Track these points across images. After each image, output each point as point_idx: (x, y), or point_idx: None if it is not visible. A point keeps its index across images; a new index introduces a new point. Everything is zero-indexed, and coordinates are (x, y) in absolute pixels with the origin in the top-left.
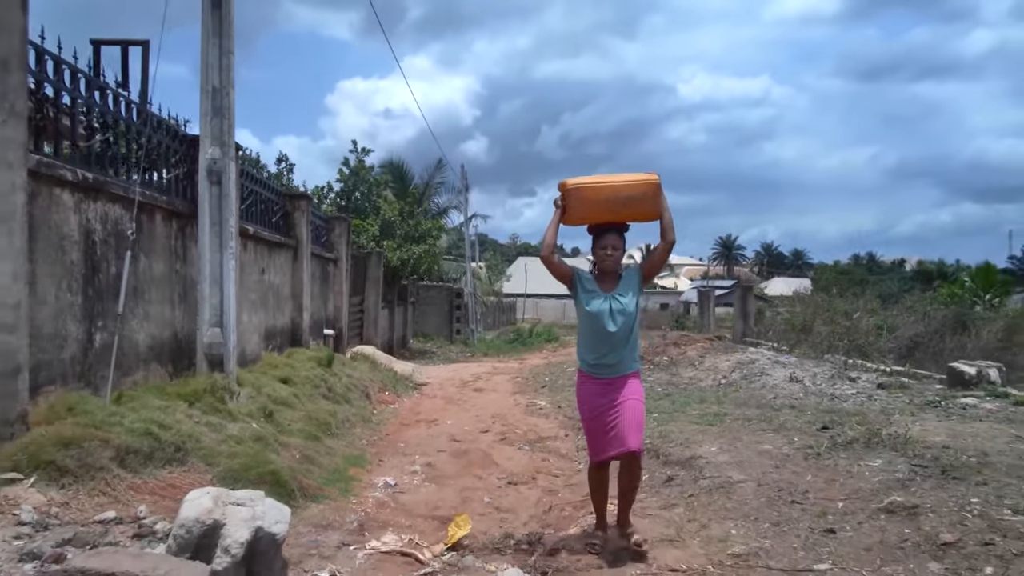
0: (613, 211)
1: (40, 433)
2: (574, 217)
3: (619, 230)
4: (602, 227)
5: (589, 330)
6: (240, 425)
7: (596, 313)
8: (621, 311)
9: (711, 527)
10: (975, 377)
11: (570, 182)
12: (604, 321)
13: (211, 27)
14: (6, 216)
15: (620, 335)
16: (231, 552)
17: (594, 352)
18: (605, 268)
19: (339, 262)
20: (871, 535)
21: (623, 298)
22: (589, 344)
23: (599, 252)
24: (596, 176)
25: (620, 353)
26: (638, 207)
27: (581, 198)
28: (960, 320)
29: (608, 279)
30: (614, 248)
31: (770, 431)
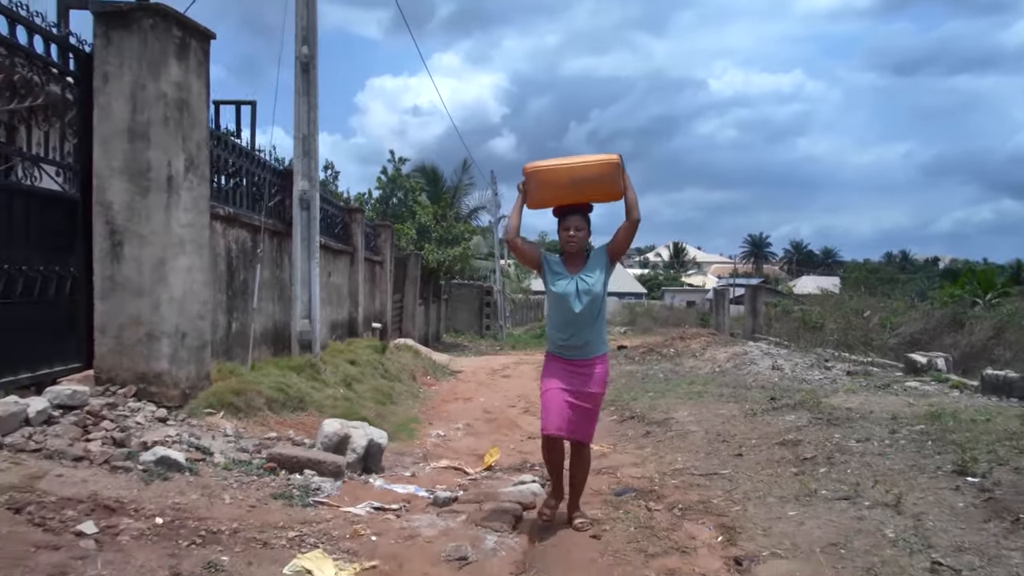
0: (574, 193)
1: (219, 386)
2: (536, 200)
3: (582, 211)
4: (565, 209)
5: (556, 311)
6: (331, 390)
7: (562, 294)
8: (587, 291)
9: (665, 457)
10: (925, 365)
11: (530, 165)
12: (570, 302)
13: (301, 88)
14: (200, 244)
15: (586, 315)
16: (356, 451)
17: (561, 333)
18: (569, 249)
19: (384, 264)
20: (764, 456)
21: (589, 279)
22: (556, 325)
23: (563, 234)
24: (556, 159)
25: (587, 334)
26: (600, 188)
27: (541, 181)
28: (957, 319)
29: (575, 260)
30: (577, 229)
31: (732, 402)
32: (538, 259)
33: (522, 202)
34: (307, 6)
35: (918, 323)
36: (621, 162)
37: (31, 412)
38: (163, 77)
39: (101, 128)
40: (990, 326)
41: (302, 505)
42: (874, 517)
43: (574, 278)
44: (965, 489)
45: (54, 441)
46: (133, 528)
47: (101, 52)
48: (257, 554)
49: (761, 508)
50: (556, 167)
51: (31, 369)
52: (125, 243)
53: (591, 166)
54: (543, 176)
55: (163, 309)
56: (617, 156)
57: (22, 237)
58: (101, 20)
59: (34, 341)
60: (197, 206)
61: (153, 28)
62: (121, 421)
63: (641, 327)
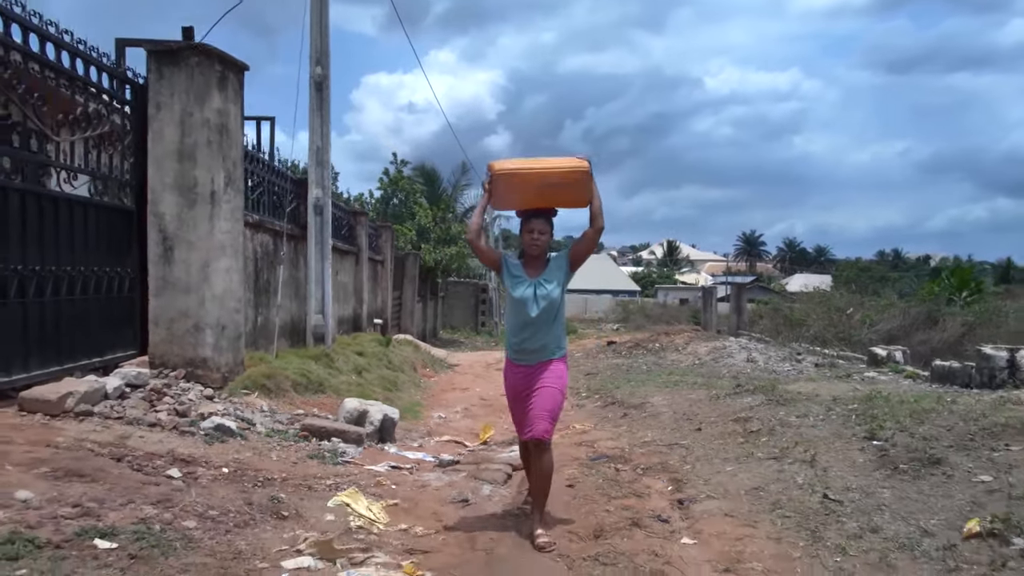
0: (541, 196)
1: (252, 371)
2: (502, 201)
3: (547, 215)
4: (530, 211)
5: (513, 314)
6: (344, 377)
7: (520, 298)
8: (545, 296)
9: (637, 433)
10: (885, 357)
11: (497, 165)
12: (528, 306)
13: (315, 104)
14: (236, 248)
15: (542, 320)
16: (373, 423)
17: (517, 336)
18: (532, 253)
19: (385, 263)
20: (718, 430)
21: (548, 284)
22: (513, 329)
23: (526, 236)
24: (525, 160)
25: (542, 338)
26: (567, 193)
27: (510, 183)
28: (931, 316)
29: (535, 264)
30: (540, 233)
31: (702, 389)
32: (498, 261)
33: (487, 202)
34: (320, 32)
35: (896, 320)
36: (590, 169)
37: (109, 388)
38: (207, 105)
39: (155, 150)
40: (961, 322)
41: (333, 463)
42: (792, 470)
43: (532, 283)
44: (868, 449)
45: (131, 411)
46: (207, 474)
47: (155, 84)
48: (305, 494)
49: (707, 467)
50: (527, 171)
51: (99, 354)
52: (175, 248)
53: (562, 172)
54: (513, 179)
55: (207, 304)
56: (587, 162)
57: (91, 243)
58: (154, 57)
59: (100, 331)
60: (234, 215)
61: (198, 64)
62: (178, 397)
63: (634, 324)
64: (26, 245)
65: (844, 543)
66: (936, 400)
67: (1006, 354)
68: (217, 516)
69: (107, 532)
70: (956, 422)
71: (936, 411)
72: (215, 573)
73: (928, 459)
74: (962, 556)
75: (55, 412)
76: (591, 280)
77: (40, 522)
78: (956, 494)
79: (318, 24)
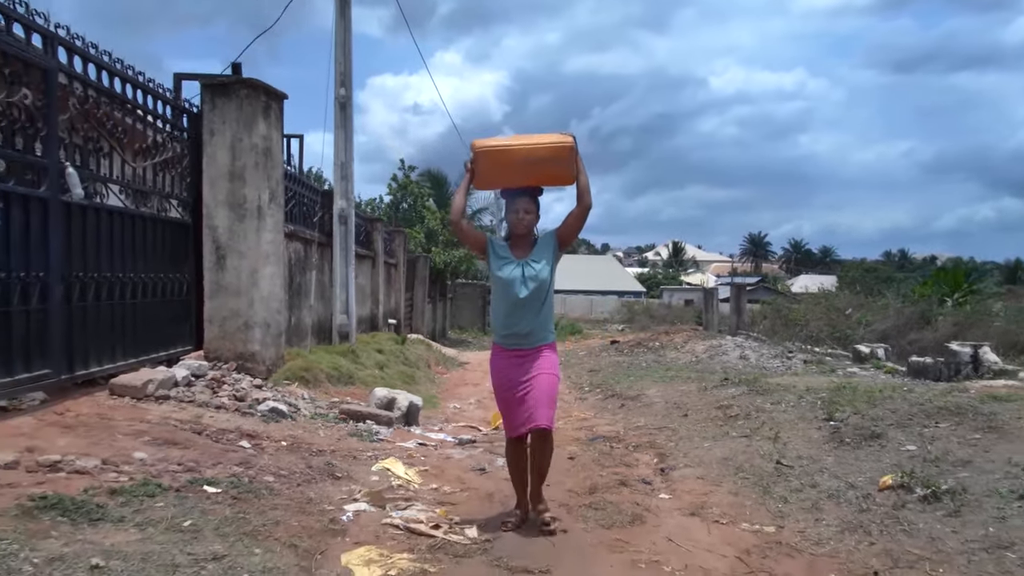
0: (526, 174)
1: (291, 364)
2: (485, 180)
3: (532, 193)
4: (515, 190)
5: (501, 298)
6: (369, 370)
7: (508, 279)
8: (534, 277)
9: (632, 420)
10: (868, 355)
11: (480, 143)
12: (516, 287)
13: (339, 122)
14: (278, 256)
15: (531, 302)
16: (400, 409)
17: (506, 321)
18: (518, 232)
19: (398, 266)
20: (703, 416)
21: (536, 264)
22: (501, 313)
23: (512, 216)
24: (508, 137)
25: (532, 322)
26: (552, 170)
27: (493, 160)
28: (924, 316)
29: (521, 244)
30: (527, 211)
31: (693, 382)
32: (483, 242)
33: (469, 181)
34: (344, 56)
35: (890, 320)
36: (575, 144)
37: (178, 377)
38: (254, 132)
39: (209, 171)
40: (952, 322)
41: (369, 440)
42: (757, 445)
43: (520, 263)
44: (824, 428)
45: (199, 396)
46: (271, 445)
47: (208, 114)
48: (351, 462)
49: (688, 444)
50: (510, 147)
51: (164, 348)
52: (227, 256)
53: (546, 147)
54: (496, 156)
55: (255, 306)
56: (571, 138)
57: (157, 253)
58: (208, 89)
59: (165, 328)
60: (276, 227)
61: (247, 95)
62: (233, 385)
63: (639, 325)
64: (112, 256)
65: (787, 495)
66: (893, 389)
67: (970, 350)
68: (287, 475)
69: (210, 482)
70: (903, 406)
71: (891, 398)
72: (297, 510)
73: (871, 434)
74: (874, 501)
75: (139, 396)
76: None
77: (159, 474)
78: (884, 459)
79: (342, 49)
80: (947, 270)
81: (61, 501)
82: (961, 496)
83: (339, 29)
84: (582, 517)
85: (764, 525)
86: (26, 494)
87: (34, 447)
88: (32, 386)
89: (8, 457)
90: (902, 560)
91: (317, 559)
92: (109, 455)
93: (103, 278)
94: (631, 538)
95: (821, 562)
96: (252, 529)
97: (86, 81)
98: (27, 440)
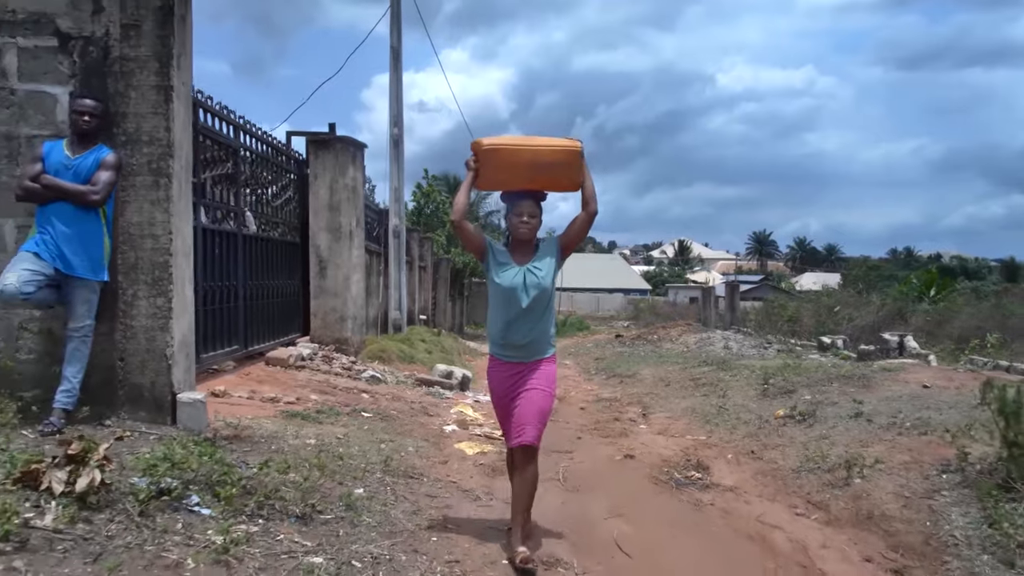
0: (531, 177)
1: (371, 348)
2: (488, 180)
3: (536, 197)
4: (518, 193)
5: (500, 305)
6: (422, 354)
7: (509, 287)
8: (536, 284)
9: (628, 390)
10: (829, 344)
11: (485, 141)
12: (517, 295)
13: (392, 156)
14: (361, 266)
15: (533, 311)
16: (456, 378)
17: (504, 331)
18: (520, 237)
19: (426, 268)
20: (679, 386)
21: (539, 271)
22: (499, 322)
23: (514, 220)
24: (514, 137)
25: (532, 332)
26: (558, 175)
27: (498, 160)
28: (901, 312)
29: (523, 250)
30: (531, 216)
31: (678, 365)
32: (483, 246)
33: (472, 180)
34: (397, 102)
35: (871, 316)
36: (582, 149)
37: (304, 354)
38: (346, 175)
39: (313, 204)
40: (923, 318)
41: (439, 398)
42: (712, 400)
43: (522, 269)
44: (760, 390)
45: (321, 366)
46: (381, 397)
47: (313, 161)
48: (435, 407)
49: (664, 401)
50: (518, 147)
51: (286, 335)
52: (327, 268)
53: (553, 151)
54: (502, 156)
55: (347, 304)
56: (579, 143)
57: (280, 266)
58: (312, 143)
59: (286, 320)
60: (360, 245)
61: (340, 148)
62: (338, 360)
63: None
64: (262, 269)
65: (719, 423)
66: (817, 366)
67: (897, 338)
68: (401, 411)
69: (363, 410)
70: (817, 375)
71: (812, 371)
72: (418, 426)
73: (786, 391)
74: (768, 423)
75: (285, 365)
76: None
77: (333, 406)
78: (788, 403)
79: (395, 96)
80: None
81: (297, 413)
82: (817, 418)
83: (392, 80)
84: (590, 433)
85: (699, 436)
86: (277, 410)
87: (253, 391)
88: (229, 357)
89: (244, 394)
90: (769, 446)
91: (441, 444)
92: (296, 396)
93: (260, 284)
94: (620, 441)
95: (725, 449)
96: (400, 431)
97: (251, 150)
98: (245, 388)
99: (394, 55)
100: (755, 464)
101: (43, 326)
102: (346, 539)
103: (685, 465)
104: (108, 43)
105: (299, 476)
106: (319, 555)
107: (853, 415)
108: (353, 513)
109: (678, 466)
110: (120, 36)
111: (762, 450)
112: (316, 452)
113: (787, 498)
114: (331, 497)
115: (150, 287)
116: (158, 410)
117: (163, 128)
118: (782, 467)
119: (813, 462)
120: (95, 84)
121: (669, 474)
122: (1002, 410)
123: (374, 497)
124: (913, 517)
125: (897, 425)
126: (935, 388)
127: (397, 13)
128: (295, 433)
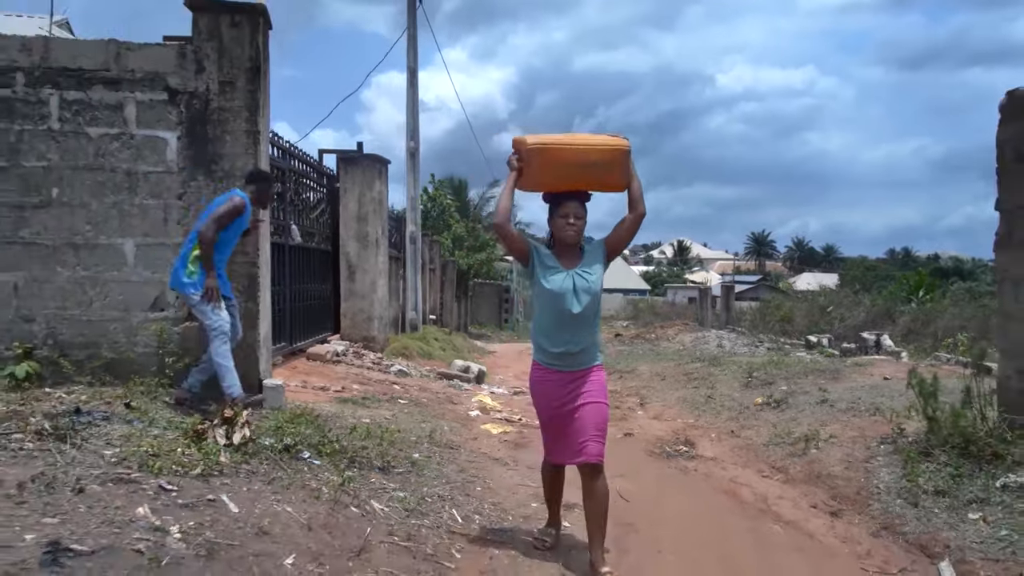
0: (576, 177)
1: (394, 345)
2: (532, 181)
3: (581, 199)
4: (562, 194)
5: (549, 312)
6: (438, 351)
7: (558, 292)
8: (587, 289)
9: (627, 384)
10: (816, 343)
11: (530, 139)
12: (567, 301)
13: (409, 167)
14: (386, 272)
15: (585, 317)
16: (472, 372)
17: (555, 339)
18: (566, 240)
19: (435, 270)
20: (673, 379)
21: (589, 275)
22: (549, 330)
23: (559, 222)
24: (559, 135)
25: (584, 339)
26: (605, 175)
27: (544, 160)
28: (889, 312)
29: (569, 254)
30: (577, 217)
31: (672, 361)
32: (527, 250)
33: (515, 181)
34: (413, 116)
35: (861, 316)
36: (630, 148)
37: (338, 350)
38: (373, 188)
39: (343, 215)
40: (910, 319)
41: (459, 390)
42: (701, 391)
43: (570, 273)
44: (744, 382)
45: (354, 361)
46: (411, 388)
47: (342, 176)
48: (458, 396)
49: (660, 393)
50: (564, 147)
51: (319, 333)
52: (356, 273)
53: (600, 150)
54: (549, 155)
55: (375, 305)
56: (626, 141)
57: (314, 271)
58: (342, 160)
59: (318, 320)
60: (384, 252)
61: (368, 164)
62: (368, 356)
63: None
64: (302, 275)
65: (706, 409)
66: (798, 361)
67: (874, 337)
68: (428, 399)
69: (398, 399)
70: (795, 369)
71: (793, 366)
72: (447, 411)
73: (766, 382)
74: (748, 409)
75: (324, 360)
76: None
77: (373, 394)
78: (766, 392)
79: (412, 110)
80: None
81: (348, 399)
82: (789, 404)
83: (409, 97)
84: None
85: (688, 420)
86: (331, 397)
87: (304, 381)
88: (279, 353)
89: (298, 384)
90: (747, 426)
91: (469, 426)
92: (342, 386)
93: (300, 288)
94: (620, 424)
95: (710, 430)
96: (433, 415)
97: (295, 170)
98: (296, 379)
99: (411, 75)
100: (733, 441)
101: (157, 327)
102: (417, 484)
103: (675, 441)
104: (208, 96)
105: (371, 443)
106: (403, 492)
107: (819, 401)
108: (417, 468)
109: (669, 442)
110: (218, 91)
111: (740, 430)
112: (376, 427)
113: (756, 465)
114: (399, 457)
115: (241, 294)
116: (249, 393)
117: (252, 165)
118: (755, 442)
119: (780, 438)
120: (198, 130)
121: (662, 448)
122: (922, 391)
123: (429, 459)
124: (852, 476)
125: (854, 409)
126: (894, 380)
127: (414, 35)
128: (352, 414)
